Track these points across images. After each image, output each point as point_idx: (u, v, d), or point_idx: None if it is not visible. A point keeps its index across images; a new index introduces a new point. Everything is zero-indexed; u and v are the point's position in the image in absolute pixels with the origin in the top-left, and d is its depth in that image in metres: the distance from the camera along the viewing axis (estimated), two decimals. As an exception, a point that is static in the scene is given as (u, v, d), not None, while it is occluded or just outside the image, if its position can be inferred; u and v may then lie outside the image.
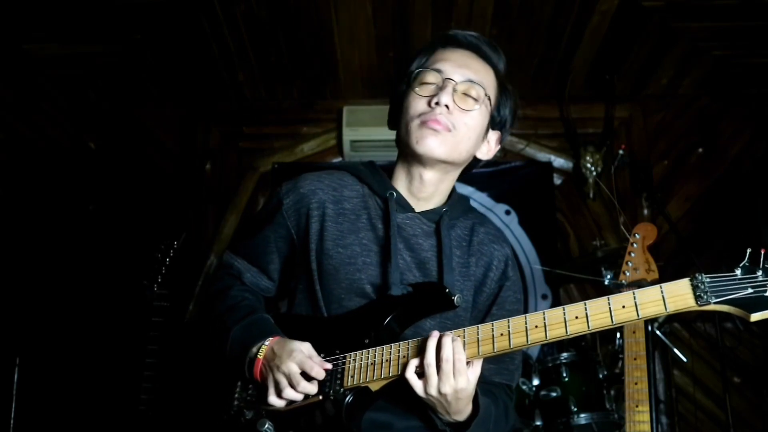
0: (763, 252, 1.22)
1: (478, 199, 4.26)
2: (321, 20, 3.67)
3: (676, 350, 3.37)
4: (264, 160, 4.41)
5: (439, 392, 1.33)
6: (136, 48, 3.82)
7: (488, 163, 5.09)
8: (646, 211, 4.26)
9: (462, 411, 1.39)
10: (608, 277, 3.26)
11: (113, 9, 3.48)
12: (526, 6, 3.57)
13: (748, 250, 1.23)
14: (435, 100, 1.52)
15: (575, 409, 2.97)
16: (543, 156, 4.39)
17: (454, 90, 1.53)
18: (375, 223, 1.58)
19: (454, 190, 1.69)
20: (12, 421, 2.95)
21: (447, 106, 1.52)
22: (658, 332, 3.17)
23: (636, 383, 2.44)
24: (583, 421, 2.96)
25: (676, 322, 3.96)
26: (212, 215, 4.32)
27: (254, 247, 1.66)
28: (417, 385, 1.35)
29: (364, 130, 4.15)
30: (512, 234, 4.23)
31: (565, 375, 3.07)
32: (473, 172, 1.76)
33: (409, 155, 1.59)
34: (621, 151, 3.84)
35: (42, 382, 3.51)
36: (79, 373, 3.64)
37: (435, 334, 1.35)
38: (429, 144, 1.52)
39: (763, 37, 3.71)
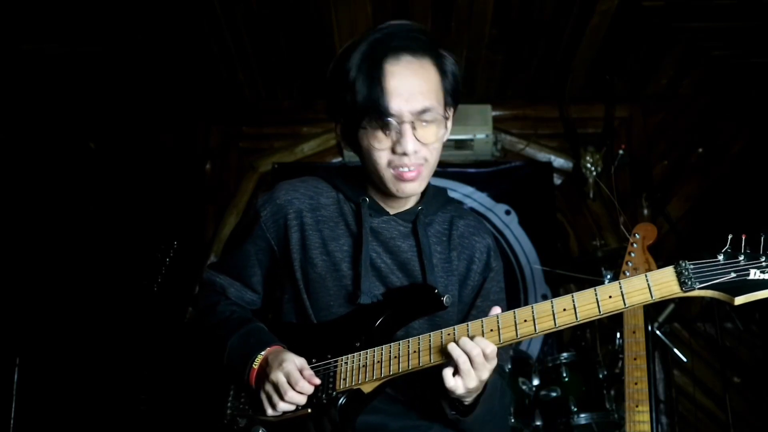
0: (744, 237, 1.23)
1: (478, 199, 4.26)
2: (321, 20, 3.67)
3: (676, 350, 3.37)
4: (264, 160, 4.41)
5: (480, 381, 1.36)
6: (136, 48, 3.82)
7: (488, 163, 5.03)
8: (646, 211, 4.25)
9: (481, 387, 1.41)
10: (608, 277, 3.26)
11: (113, 9, 3.48)
12: (526, 6, 3.56)
13: (730, 236, 1.25)
14: (401, 150, 1.46)
15: (575, 409, 2.97)
16: (543, 156, 4.39)
17: (414, 128, 1.46)
18: (353, 230, 1.58)
19: (428, 185, 1.65)
20: (12, 421, 2.94)
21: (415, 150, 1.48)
22: (658, 332, 3.17)
23: (636, 383, 2.43)
24: (583, 421, 2.96)
25: (676, 322, 3.96)
26: (212, 215, 4.32)
27: (235, 262, 1.65)
28: (459, 385, 1.35)
29: (364, 130, 4.14)
30: (512, 234, 4.23)
31: (565, 375, 3.07)
32: (473, 172, 1.76)
33: (384, 190, 1.56)
34: (621, 151, 3.85)
35: (42, 382, 3.51)
36: (79, 373, 3.64)
37: (452, 343, 1.35)
38: (408, 190, 1.52)
39: (763, 37, 3.71)
